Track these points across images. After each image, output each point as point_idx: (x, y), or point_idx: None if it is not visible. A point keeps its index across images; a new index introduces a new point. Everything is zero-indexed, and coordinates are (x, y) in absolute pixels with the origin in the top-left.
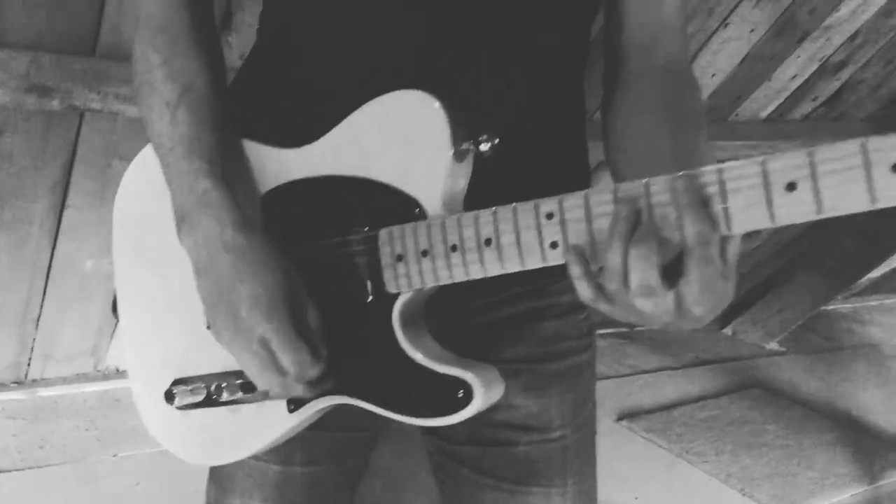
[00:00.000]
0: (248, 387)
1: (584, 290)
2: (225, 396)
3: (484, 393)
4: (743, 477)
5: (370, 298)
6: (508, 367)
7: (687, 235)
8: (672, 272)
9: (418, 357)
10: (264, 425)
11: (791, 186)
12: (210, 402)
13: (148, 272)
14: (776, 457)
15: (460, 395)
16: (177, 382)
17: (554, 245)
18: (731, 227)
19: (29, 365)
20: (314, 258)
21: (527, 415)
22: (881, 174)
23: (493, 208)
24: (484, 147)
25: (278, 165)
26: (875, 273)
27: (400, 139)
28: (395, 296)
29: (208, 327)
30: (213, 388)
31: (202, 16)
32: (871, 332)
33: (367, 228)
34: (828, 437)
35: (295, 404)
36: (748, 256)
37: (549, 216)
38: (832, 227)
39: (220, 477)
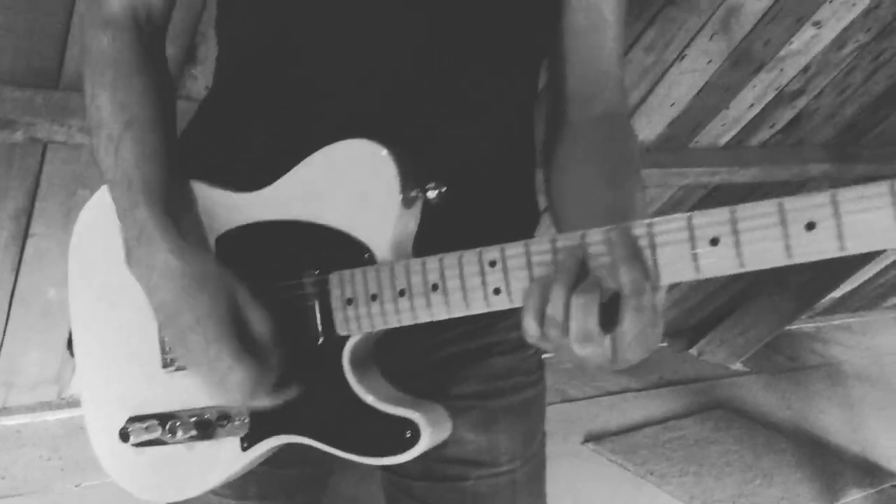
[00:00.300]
0: (203, 425)
1: (531, 328)
2: (180, 434)
3: (431, 433)
4: (706, 498)
5: (321, 340)
6: (458, 403)
7: (622, 285)
8: (607, 320)
9: (367, 398)
10: (219, 462)
11: (714, 241)
12: (165, 439)
13: (103, 311)
14: (739, 478)
15: (408, 435)
16: (132, 420)
17: (497, 291)
18: (659, 278)
19: None
20: (268, 300)
21: (476, 450)
22: (796, 232)
23: (440, 255)
24: (431, 194)
25: (233, 209)
26: (837, 293)
27: (350, 186)
28: (346, 338)
29: (163, 367)
30: (167, 426)
31: (150, 51)
32: (834, 351)
33: (318, 272)
34: (789, 458)
35: (248, 442)
36: (713, 278)
37: (493, 264)
38: None
39: None
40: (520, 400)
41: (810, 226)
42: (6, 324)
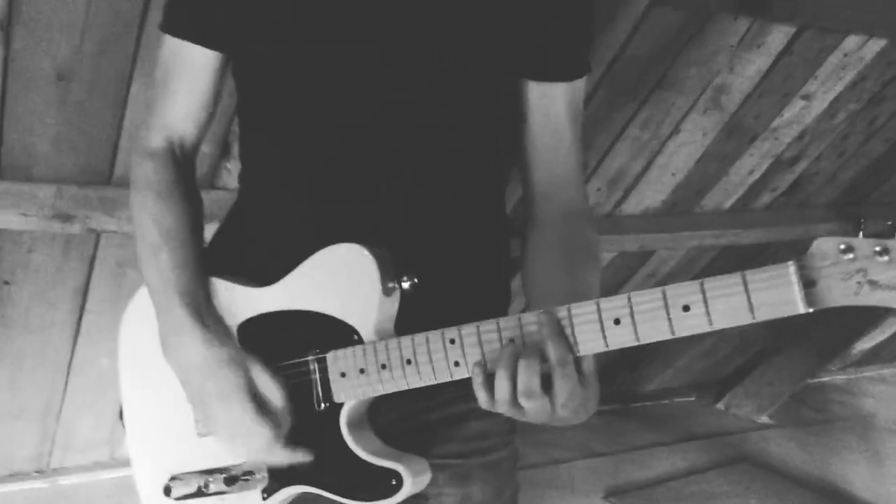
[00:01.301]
0: (231, 480)
1: (482, 397)
2: (212, 488)
3: (412, 482)
4: None
5: (322, 406)
6: (439, 461)
7: (550, 358)
8: (544, 385)
9: (360, 452)
10: None
11: (617, 321)
12: (200, 493)
13: (146, 389)
14: None
15: (393, 483)
16: (173, 478)
17: (457, 364)
18: (579, 350)
19: (50, 455)
20: (279, 375)
21: (453, 501)
22: (676, 314)
23: (412, 335)
24: (406, 285)
25: (250, 301)
26: (868, 343)
27: (341, 281)
28: (342, 404)
29: (197, 434)
30: (202, 481)
31: (184, 176)
32: (865, 403)
33: (318, 351)
34: None
35: (267, 493)
36: (739, 331)
37: (452, 341)
38: None
39: None
40: (492, 458)
41: (686, 308)
42: (64, 391)
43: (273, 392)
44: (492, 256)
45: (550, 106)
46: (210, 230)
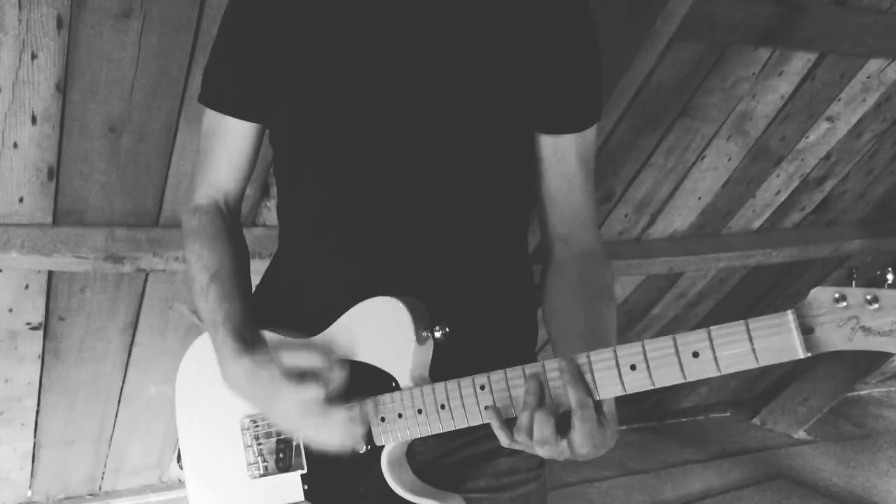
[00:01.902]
0: None
1: (502, 437)
2: None
3: None
4: None
5: (365, 449)
6: (472, 495)
7: (571, 401)
8: (565, 425)
9: (400, 491)
10: None
11: (633, 367)
12: None
13: (202, 434)
14: None
15: None
16: None
17: (487, 408)
18: (599, 394)
19: (102, 479)
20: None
21: None
22: (686, 359)
23: (445, 382)
24: (438, 334)
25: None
26: None
27: (378, 332)
28: (383, 446)
29: (249, 476)
30: None
31: (228, 227)
32: None
33: (359, 398)
34: None
35: None
36: None
37: (482, 387)
38: None
39: None
40: (521, 492)
41: (695, 354)
42: (115, 418)
43: (304, 358)
44: (519, 299)
45: (562, 156)
46: (253, 266)
